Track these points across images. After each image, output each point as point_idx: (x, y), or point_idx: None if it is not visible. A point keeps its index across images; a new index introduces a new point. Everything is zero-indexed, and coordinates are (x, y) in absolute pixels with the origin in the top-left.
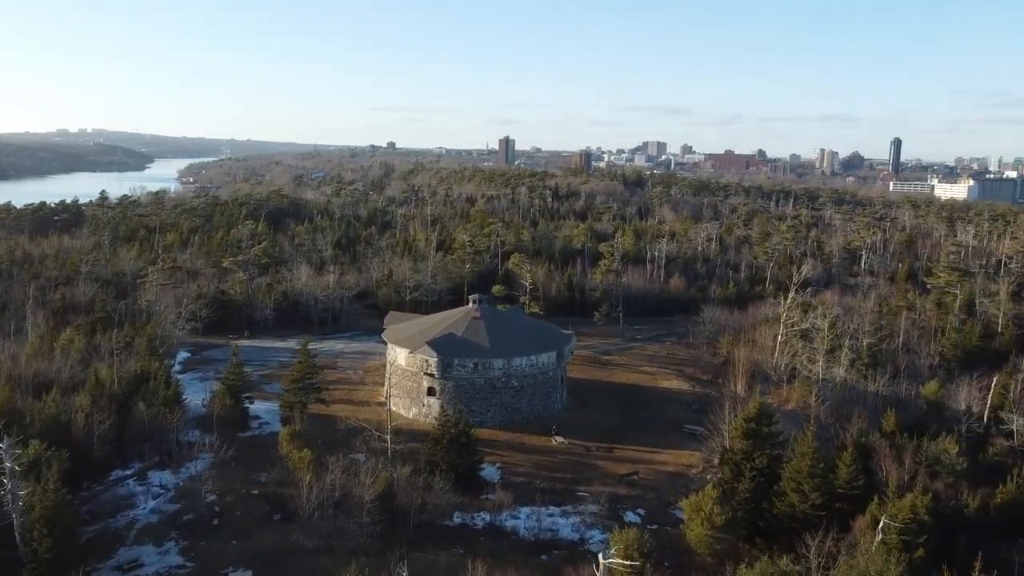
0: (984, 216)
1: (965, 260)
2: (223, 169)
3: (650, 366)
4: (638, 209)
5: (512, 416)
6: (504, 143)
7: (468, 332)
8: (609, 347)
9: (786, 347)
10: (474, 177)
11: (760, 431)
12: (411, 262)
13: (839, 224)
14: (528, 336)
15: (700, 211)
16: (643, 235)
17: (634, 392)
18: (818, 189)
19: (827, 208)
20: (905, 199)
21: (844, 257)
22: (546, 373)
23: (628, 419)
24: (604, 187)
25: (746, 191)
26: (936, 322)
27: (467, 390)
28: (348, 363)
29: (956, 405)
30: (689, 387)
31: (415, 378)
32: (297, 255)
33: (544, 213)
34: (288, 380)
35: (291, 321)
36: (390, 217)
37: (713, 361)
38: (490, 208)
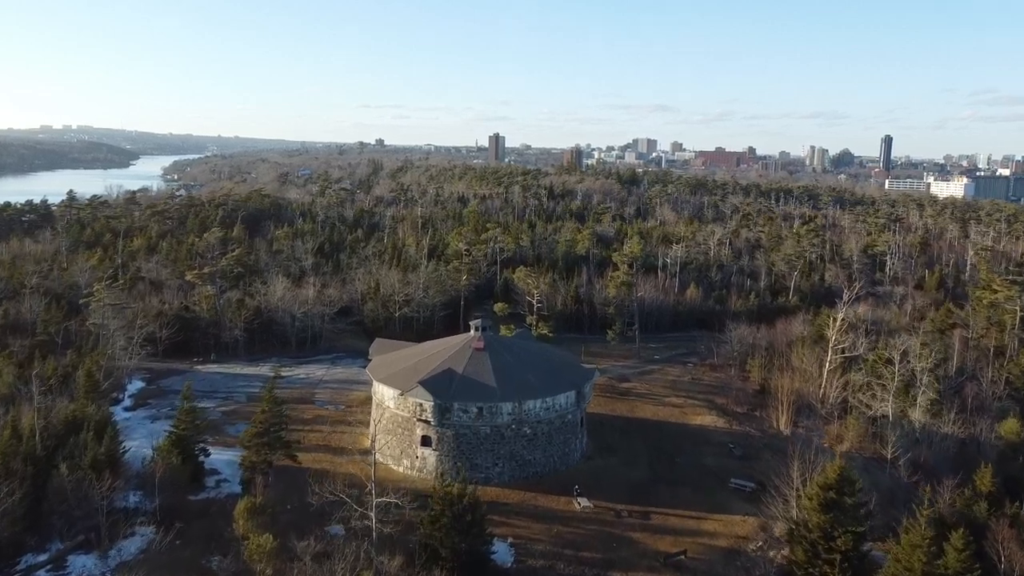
0: (995, 217)
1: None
2: (208, 166)
3: (676, 396)
4: (637, 209)
5: (524, 471)
6: (494, 140)
7: (470, 368)
8: (626, 371)
9: (835, 376)
10: (465, 175)
11: (842, 502)
12: (400, 273)
13: (848, 225)
14: (542, 372)
15: (701, 211)
16: (648, 238)
17: (663, 431)
18: (816, 187)
19: (831, 208)
20: (907, 198)
21: (865, 263)
22: (564, 417)
23: (661, 469)
24: (600, 186)
25: (744, 190)
26: (992, 341)
27: (470, 440)
28: (328, 395)
29: None
30: (724, 423)
31: (407, 425)
32: (273, 264)
33: (540, 214)
34: (250, 433)
35: (264, 342)
36: (378, 219)
37: (745, 388)
38: (483, 208)
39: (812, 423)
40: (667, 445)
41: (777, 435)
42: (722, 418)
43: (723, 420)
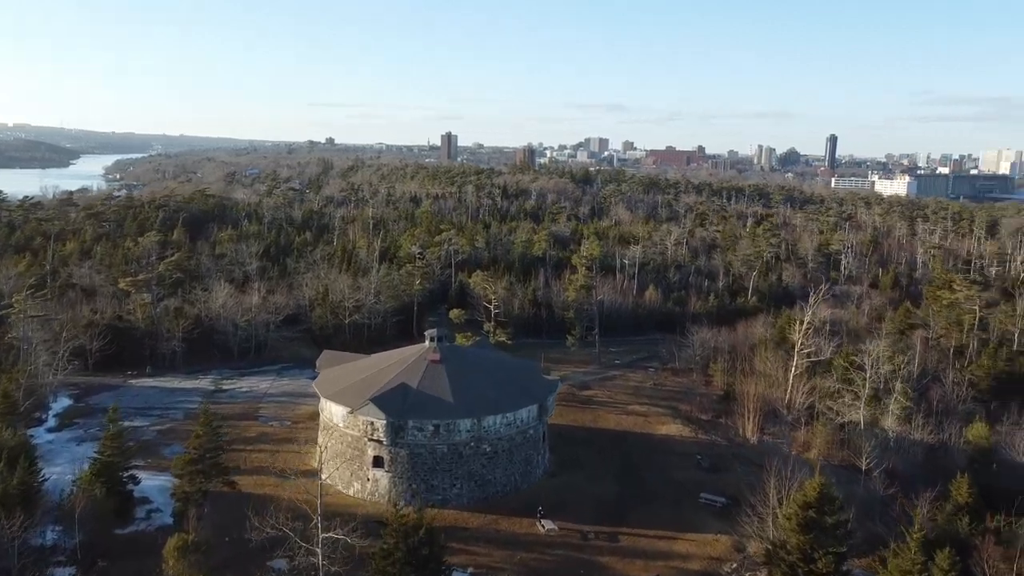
0: (940, 215)
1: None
2: (152, 166)
3: (639, 403)
4: (591, 208)
5: (484, 491)
6: (446, 139)
7: (425, 382)
8: (587, 377)
9: (801, 380)
10: (417, 174)
11: (822, 521)
12: (351, 277)
13: (800, 224)
14: (502, 384)
15: (655, 210)
16: (605, 238)
17: (628, 443)
18: (766, 186)
19: (782, 206)
20: (854, 196)
21: (820, 262)
22: (526, 433)
23: (628, 485)
24: (554, 185)
25: (697, 189)
26: (953, 341)
27: (425, 460)
28: (273, 410)
29: (1008, 450)
30: (690, 432)
31: (357, 445)
32: (216, 269)
33: (495, 214)
34: (182, 461)
35: (205, 353)
36: (327, 220)
37: (709, 393)
38: (436, 209)
39: (779, 430)
40: (633, 458)
41: (745, 444)
42: (687, 427)
43: (689, 429)
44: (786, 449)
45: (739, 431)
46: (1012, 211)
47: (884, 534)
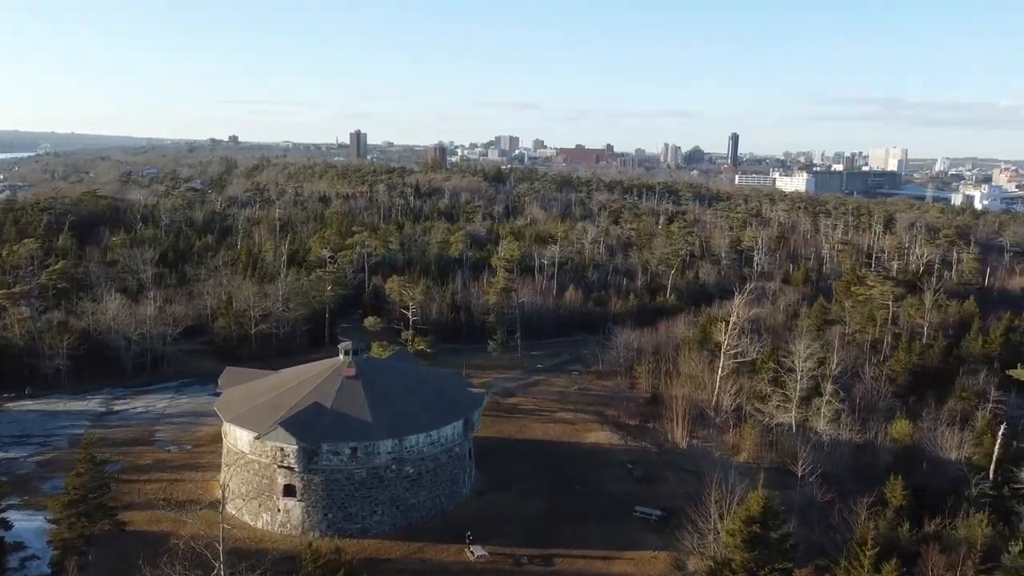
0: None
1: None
2: (40, 165)
3: (565, 410)
4: (506, 207)
5: (407, 517)
6: (355, 137)
7: (341, 401)
8: (510, 384)
9: (728, 382)
10: (326, 173)
11: (767, 537)
12: (256, 284)
13: (710, 221)
14: (425, 399)
15: (569, 208)
16: (522, 238)
17: (557, 454)
18: (675, 183)
19: (692, 203)
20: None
21: (733, 258)
22: (451, 451)
23: (560, 501)
24: (467, 184)
25: (608, 187)
26: (869, 337)
27: (343, 486)
28: (172, 432)
29: (932, 447)
30: (619, 439)
31: (265, 472)
32: (107, 277)
33: (408, 214)
34: (60, 503)
35: (94, 370)
36: (231, 221)
37: (635, 396)
38: (347, 209)
39: (708, 433)
40: (563, 470)
41: (675, 449)
42: (616, 433)
43: (617, 436)
44: (717, 453)
45: (668, 436)
46: (904, 206)
47: (824, 543)
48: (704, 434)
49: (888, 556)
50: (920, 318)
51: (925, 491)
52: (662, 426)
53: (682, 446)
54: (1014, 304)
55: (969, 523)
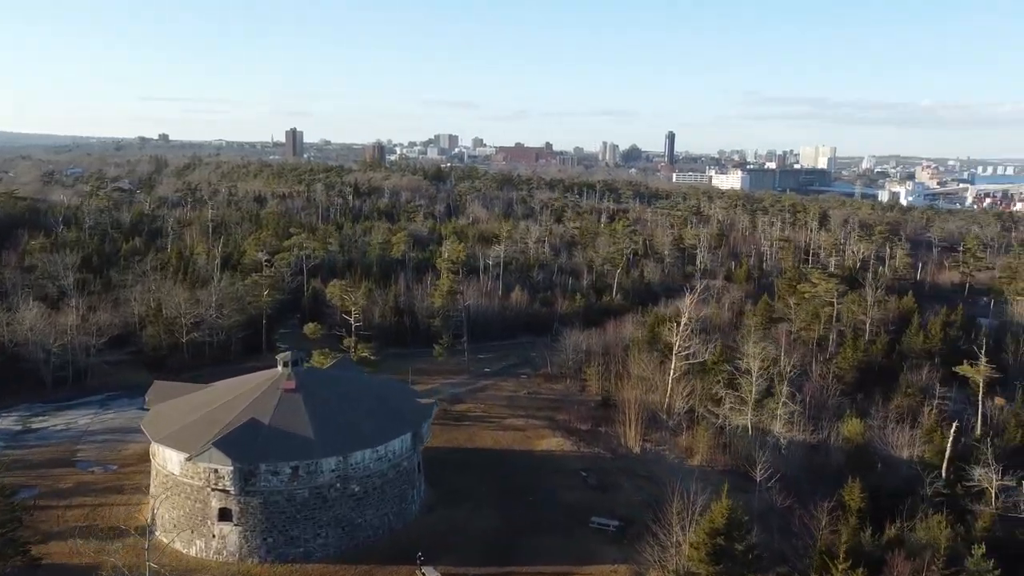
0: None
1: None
2: None
3: (515, 416)
4: (447, 206)
5: (353, 538)
6: (291, 135)
7: (280, 416)
8: (457, 390)
9: (681, 384)
10: (261, 172)
11: (732, 549)
12: (188, 290)
13: (651, 219)
14: (370, 412)
15: (511, 207)
16: (465, 238)
17: (509, 463)
18: (615, 181)
19: (633, 201)
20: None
21: (676, 256)
22: (399, 466)
23: (514, 513)
24: (408, 183)
25: (549, 185)
26: (814, 335)
27: (283, 508)
28: (95, 452)
29: (884, 446)
30: (572, 446)
31: (199, 496)
32: (23, 284)
33: (347, 214)
34: None
35: (10, 385)
36: (160, 223)
37: (585, 400)
38: (283, 209)
39: (661, 436)
40: (516, 480)
41: (629, 455)
42: (568, 439)
43: (570, 442)
44: (671, 457)
45: (621, 440)
46: (835, 203)
47: (785, 550)
48: (657, 437)
49: (855, 565)
50: (862, 314)
51: (880, 492)
52: (614, 430)
53: (635, 451)
54: (946, 298)
55: (928, 525)
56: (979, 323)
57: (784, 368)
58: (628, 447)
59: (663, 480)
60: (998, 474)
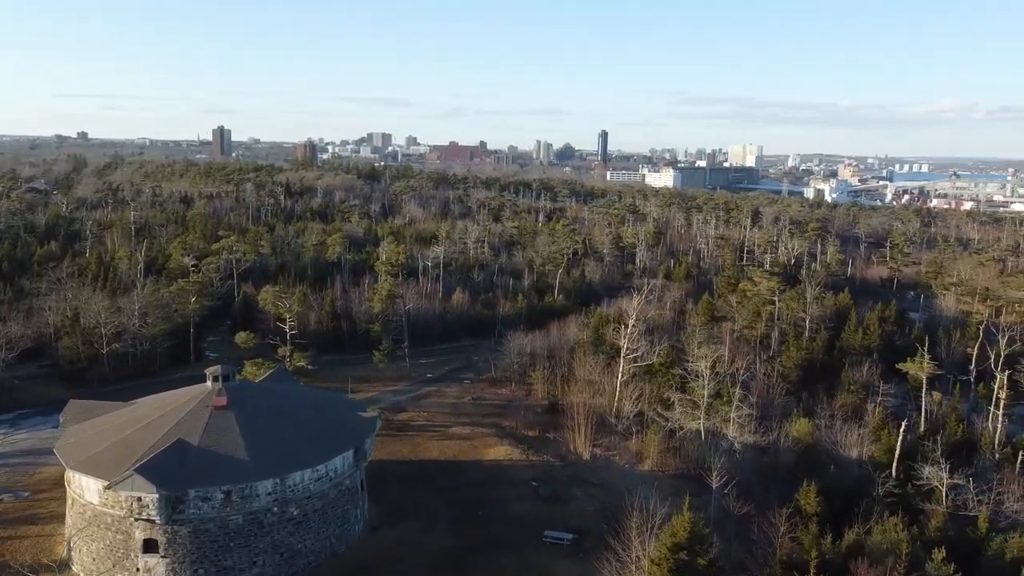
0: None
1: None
2: None
3: (460, 424)
4: (383, 206)
5: (292, 565)
6: (218, 133)
7: (210, 437)
8: (399, 398)
9: (629, 387)
10: (187, 172)
11: (694, 565)
12: (109, 297)
13: (588, 217)
14: (309, 428)
15: (447, 206)
16: (402, 238)
17: (456, 475)
18: (551, 180)
19: (569, 200)
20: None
21: (616, 255)
22: (341, 485)
23: (464, 530)
24: (341, 182)
25: (486, 184)
26: (757, 333)
27: (215, 537)
28: (5, 476)
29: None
30: (521, 454)
31: (120, 526)
32: None
33: (279, 214)
34: None
35: None
36: (79, 226)
37: (531, 405)
38: (211, 210)
39: (611, 441)
40: (464, 493)
41: (579, 462)
42: (517, 447)
43: (518, 450)
44: (622, 463)
45: (570, 446)
46: (766, 201)
47: (745, 560)
48: (607, 442)
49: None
50: (802, 312)
51: (834, 493)
52: (563, 436)
53: (585, 457)
54: (876, 294)
55: (885, 528)
56: (910, 318)
57: (736, 370)
58: (578, 453)
59: (615, 487)
60: (947, 472)
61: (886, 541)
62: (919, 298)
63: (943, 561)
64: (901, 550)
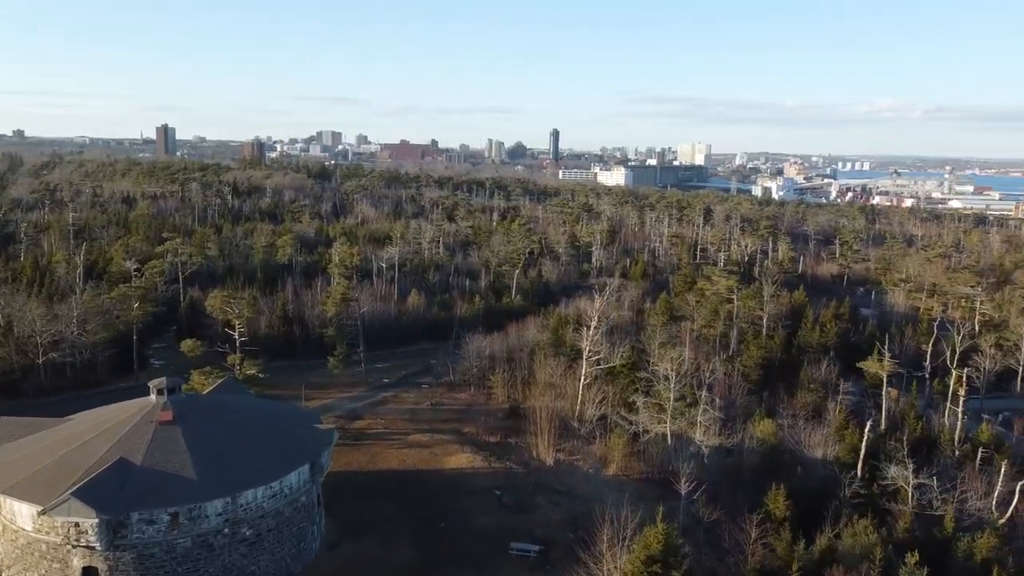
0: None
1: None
2: None
3: (419, 431)
4: (334, 205)
5: None
6: (163, 131)
7: (155, 454)
8: (356, 405)
9: (592, 390)
10: (130, 171)
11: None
12: (45, 304)
13: (542, 216)
14: (262, 442)
15: (400, 205)
16: (355, 239)
17: (416, 485)
18: (503, 179)
19: (523, 199)
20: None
21: (572, 255)
22: (296, 501)
23: (427, 544)
24: (291, 181)
25: (439, 183)
26: (716, 332)
27: (161, 562)
28: None
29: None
30: (483, 461)
31: (57, 554)
32: None
33: (226, 215)
34: None
35: None
36: (13, 228)
37: (492, 410)
38: (155, 211)
39: (574, 445)
40: (426, 505)
41: (542, 468)
42: (478, 454)
43: (480, 457)
44: (587, 468)
45: (533, 452)
46: (716, 199)
47: (717, 568)
48: (570, 447)
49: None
50: (759, 310)
51: (801, 495)
52: (525, 441)
53: (549, 463)
54: (827, 290)
55: (855, 531)
56: (862, 314)
57: (701, 372)
58: (541, 459)
59: (580, 494)
60: (913, 472)
61: (857, 545)
62: (869, 294)
63: (916, 565)
64: (875, 555)
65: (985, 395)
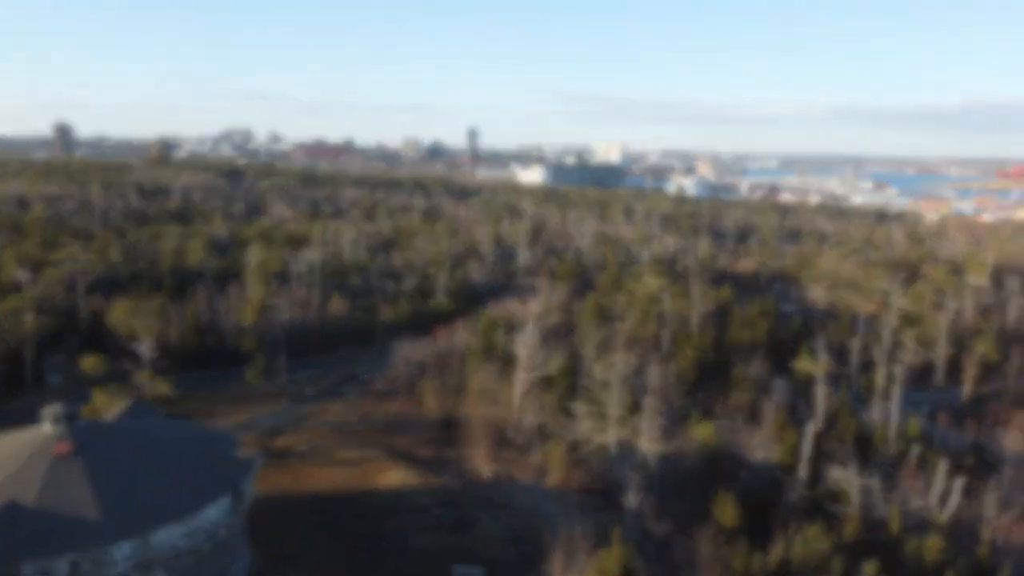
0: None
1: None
2: None
3: (348, 448)
4: (247, 205)
5: None
6: (60, 130)
7: (50, 493)
8: (276, 420)
9: (529, 398)
10: (23, 171)
11: None
12: None
13: (465, 216)
14: (176, 472)
15: (317, 206)
16: (271, 241)
17: (348, 508)
18: (424, 178)
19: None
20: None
21: (498, 255)
22: (216, 537)
23: (364, 571)
24: (200, 181)
25: (356, 182)
26: (648, 333)
27: None
28: None
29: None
30: (418, 477)
31: None
32: None
33: (131, 218)
34: None
35: None
36: None
37: (424, 420)
38: (52, 214)
39: (511, 456)
40: (359, 528)
41: (481, 482)
42: (412, 470)
43: (415, 473)
44: (526, 480)
45: (469, 465)
46: (634, 197)
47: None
48: (508, 457)
49: None
50: (688, 309)
51: (746, 501)
52: (461, 454)
53: (487, 476)
54: (748, 287)
55: (805, 538)
56: (784, 311)
57: (644, 376)
58: (478, 473)
59: (522, 507)
60: (857, 473)
61: (809, 552)
62: (787, 290)
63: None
64: (832, 566)
65: (908, 389)
